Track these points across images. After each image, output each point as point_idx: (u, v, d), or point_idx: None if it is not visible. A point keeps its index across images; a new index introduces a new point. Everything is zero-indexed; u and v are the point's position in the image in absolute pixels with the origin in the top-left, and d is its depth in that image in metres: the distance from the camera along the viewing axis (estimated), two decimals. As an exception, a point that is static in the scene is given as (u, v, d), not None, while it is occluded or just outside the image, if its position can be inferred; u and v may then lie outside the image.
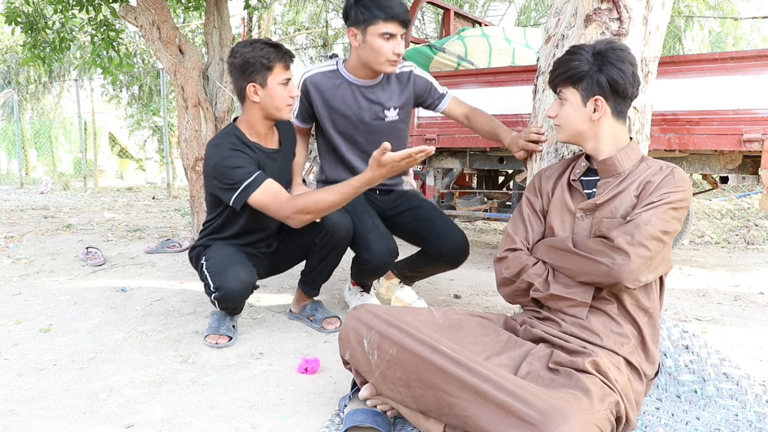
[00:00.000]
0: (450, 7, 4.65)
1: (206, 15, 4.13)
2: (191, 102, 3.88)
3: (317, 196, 1.92)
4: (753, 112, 2.51)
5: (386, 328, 1.40)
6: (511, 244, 1.59)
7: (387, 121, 2.31)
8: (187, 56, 3.92)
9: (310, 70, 2.30)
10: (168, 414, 1.59)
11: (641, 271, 1.36)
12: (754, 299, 2.85)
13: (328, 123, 2.29)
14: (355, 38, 2.12)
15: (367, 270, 2.26)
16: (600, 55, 1.47)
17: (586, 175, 1.57)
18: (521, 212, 1.64)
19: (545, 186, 1.63)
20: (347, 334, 1.50)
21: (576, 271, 1.44)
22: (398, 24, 2.05)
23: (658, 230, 1.37)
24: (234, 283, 2.06)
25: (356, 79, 2.24)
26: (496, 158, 3.50)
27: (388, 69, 2.14)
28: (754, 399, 1.53)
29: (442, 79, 3.37)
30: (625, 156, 1.50)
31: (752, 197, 6.31)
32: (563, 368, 1.31)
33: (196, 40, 12.08)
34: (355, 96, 2.26)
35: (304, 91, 2.27)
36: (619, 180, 1.49)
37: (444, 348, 1.30)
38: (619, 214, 1.44)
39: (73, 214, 6.43)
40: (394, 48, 2.08)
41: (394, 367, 1.36)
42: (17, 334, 2.26)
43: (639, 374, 1.41)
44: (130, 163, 17.93)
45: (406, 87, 2.31)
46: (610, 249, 1.38)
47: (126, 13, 3.99)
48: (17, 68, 15.67)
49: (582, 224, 1.50)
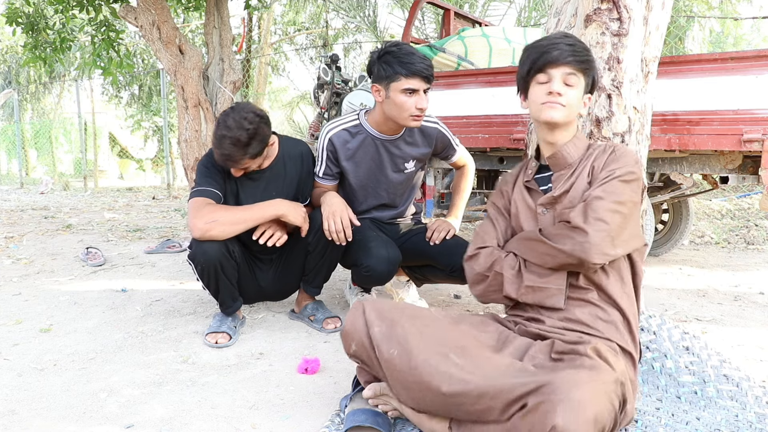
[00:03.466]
0: (450, 7, 4.65)
1: (206, 15, 4.14)
2: (191, 102, 3.89)
3: (223, 209, 2.07)
4: (753, 112, 2.51)
5: (391, 327, 1.40)
6: (481, 243, 1.62)
7: (406, 173, 2.36)
8: (187, 56, 3.92)
9: (333, 127, 2.29)
10: (168, 414, 1.59)
11: (605, 245, 1.37)
12: (754, 299, 2.85)
13: (352, 177, 2.32)
14: (378, 94, 2.14)
15: (369, 277, 2.25)
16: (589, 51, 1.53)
17: (540, 173, 1.61)
18: (489, 214, 1.68)
19: (506, 188, 1.68)
20: (352, 326, 1.47)
21: (544, 257, 1.46)
22: (421, 80, 2.07)
23: (611, 202, 1.39)
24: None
25: (380, 133, 2.26)
26: (496, 158, 3.50)
27: (411, 124, 2.16)
28: (754, 401, 1.53)
29: (442, 79, 3.37)
30: (573, 147, 1.54)
31: (752, 197, 6.30)
32: (566, 355, 1.32)
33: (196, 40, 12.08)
34: (379, 151, 2.28)
35: (330, 149, 2.28)
36: (571, 170, 1.53)
37: (444, 348, 1.31)
38: (577, 202, 1.46)
39: (73, 214, 6.43)
40: (417, 103, 2.09)
41: (393, 367, 1.36)
42: (17, 334, 2.26)
43: (632, 360, 1.43)
44: (131, 163, 17.94)
45: (431, 143, 2.35)
46: (569, 230, 1.41)
47: (126, 13, 3.99)
48: (18, 68, 15.67)
49: (545, 219, 1.53)
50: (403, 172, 2.35)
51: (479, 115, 3.23)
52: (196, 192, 2.10)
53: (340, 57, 4.87)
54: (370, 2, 9.03)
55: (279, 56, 14.35)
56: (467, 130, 3.27)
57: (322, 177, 2.32)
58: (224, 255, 2.07)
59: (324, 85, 4.65)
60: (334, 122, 2.31)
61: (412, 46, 2.16)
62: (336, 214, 2.09)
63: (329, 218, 2.09)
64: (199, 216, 2.00)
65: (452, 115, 3.31)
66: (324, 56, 4.74)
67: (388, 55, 2.08)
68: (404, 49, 2.09)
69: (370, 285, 2.45)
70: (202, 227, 1.99)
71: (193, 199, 2.07)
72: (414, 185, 2.49)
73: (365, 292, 2.52)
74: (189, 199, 2.12)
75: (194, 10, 5.50)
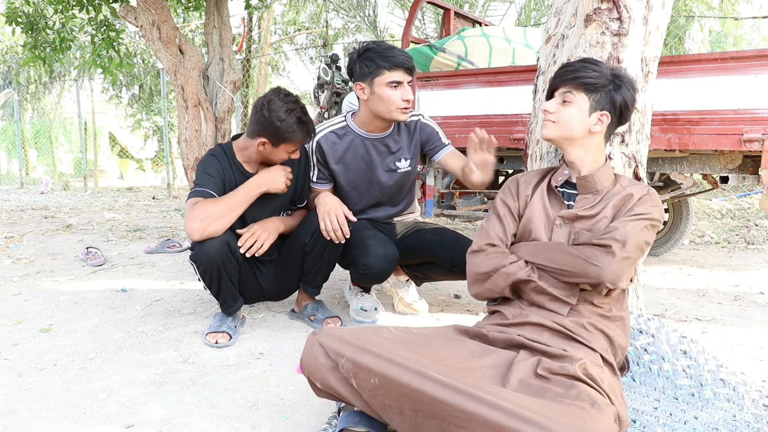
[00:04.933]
0: (450, 7, 4.64)
1: (206, 15, 4.14)
2: (191, 102, 3.89)
3: (211, 203, 2.04)
4: (753, 112, 2.51)
5: (360, 355, 1.26)
6: (488, 239, 1.61)
7: (400, 173, 2.35)
8: (187, 56, 3.92)
9: (320, 130, 2.30)
10: (168, 414, 1.59)
11: (621, 273, 1.43)
12: (754, 299, 2.85)
13: (343, 178, 2.32)
14: (363, 92, 2.15)
15: (367, 276, 2.25)
16: (618, 77, 1.55)
17: (564, 186, 1.62)
18: (497, 211, 1.66)
19: (524, 190, 1.66)
20: (313, 363, 1.33)
21: (563, 269, 1.47)
22: (404, 71, 2.10)
23: (643, 241, 1.46)
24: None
25: (367, 133, 2.26)
26: (496, 158, 3.50)
27: (400, 117, 2.16)
28: (751, 403, 1.54)
29: (442, 79, 3.37)
30: (603, 175, 1.57)
31: (752, 197, 6.30)
32: (555, 376, 1.28)
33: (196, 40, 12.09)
34: (368, 150, 2.28)
35: (319, 152, 2.28)
36: (597, 198, 1.55)
37: (434, 374, 1.17)
38: (599, 230, 1.49)
39: (73, 214, 6.43)
40: (402, 95, 2.11)
41: (380, 396, 1.23)
42: (17, 334, 2.26)
43: (613, 369, 1.44)
44: (131, 163, 17.94)
45: (413, 136, 2.34)
46: (601, 252, 1.43)
47: (126, 13, 3.99)
48: (17, 68, 15.68)
49: (560, 231, 1.54)
50: (396, 172, 2.34)
51: (479, 115, 3.23)
52: (191, 193, 2.11)
53: (340, 57, 4.87)
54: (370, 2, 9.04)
55: (279, 56, 14.36)
56: (467, 130, 3.26)
57: (316, 182, 2.33)
58: (226, 254, 2.07)
59: (324, 85, 4.66)
60: (321, 125, 2.32)
61: (387, 43, 2.18)
62: (331, 213, 2.10)
63: (325, 218, 2.10)
64: (191, 218, 2.00)
65: (452, 115, 3.31)
66: (324, 56, 4.75)
67: (368, 52, 2.11)
68: (383, 45, 2.13)
69: (369, 284, 2.45)
70: (197, 227, 1.99)
71: (189, 200, 2.07)
72: (411, 187, 2.48)
73: (365, 291, 2.52)
74: (191, 192, 2.11)
75: (194, 10, 5.50)
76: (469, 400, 1.11)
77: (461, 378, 1.19)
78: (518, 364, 1.33)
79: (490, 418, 1.08)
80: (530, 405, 1.12)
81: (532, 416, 1.07)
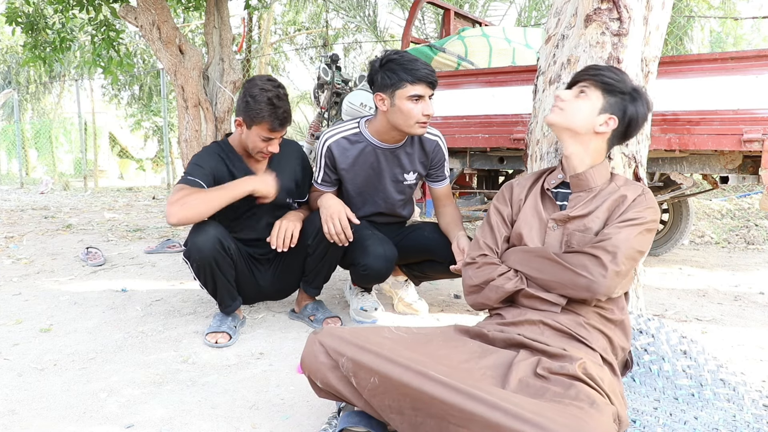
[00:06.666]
0: (450, 7, 4.65)
1: (206, 15, 4.14)
2: (191, 102, 3.89)
3: (195, 191, 2.03)
4: (753, 112, 2.51)
5: (360, 355, 1.26)
6: (480, 250, 1.63)
7: (405, 184, 2.36)
8: (187, 56, 3.92)
9: (332, 134, 2.28)
10: (168, 414, 1.59)
11: (614, 286, 1.43)
12: (754, 299, 2.85)
13: (350, 184, 2.32)
14: (382, 103, 2.12)
15: (367, 276, 2.25)
16: (637, 92, 1.56)
17: (559, 188, 1.62)
18: (489, 220, 1.68)
19: (517, 194, 1.66)
20: (314, 362, 1.34)
21: (552, 281, 1.47)
22: (426, 85, 2.06)
23: (636, 250, 1.45)
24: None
25: (381, 142, 2.25)
26: (496, 158, 3.50)
27: (418, 131, 2.14)
28: (751, 403, 1.54)
29: (442, 79, 3.37)
30: (598, 173, 1.57)
31: (752, 197, 6.30)
32: (554, 376, 1.28)
33: (196, 40, 12.08)
34: (379, 159, 2.27)
35: (328, 156, 2.27)
36: (591, 195, 1.55)
37: (434, 373, 1.17)
38: (592, 230, 1.49)
39: (73, 214, 6.43)
40: (423, 110, 2.08)
41: (380, 395, 1.23)
42: (17, 334, 2.26)
43: (613, 369, 1.44)
44: (131, 163, 17.94)
45: (429, 155, 2.33)
46: (591, 263, 1.43)
47: (126, 13, 3.99)
48: (17, 68, 15.69)
49: (553, 234, 1.54)
50: (402, 183, 2.35)
51: (479, 115, 3.23)
52: (178, 181, 2.11)
53: (340, 57, 4.87)
54: (370, 2, 9.04)
55: (279, 56, 14.36)
56: (467, 129, 3.27)
57: (320, 183, 2.33)
58: (218, 251, 2.08)
59: (324, 85, 4.66)
60: (332, 129, 2.30)
61: (411, 53, 2.16)
62: (334, 216, 2.09)
63: (328, 221, 2.09)
64: (170, 202, 1.98)
65: (452, 115, 3.31)
66: (324, 56, 4.74)
67: (391, 63, 2.07)
68: (406, 56, 2.08)
69: (369, 284, 2.45)
70: (173, 212, 1.95)
71: (175, 187, 2.07)
72: (412, 197, 2.49)
73: (365, 291, 2.53)
74: (180, 179, 2.13)
75: (194, 10, 5.51)
76: (468, 399, 1.12)
77: (461, 378, 1.19)
78: (518, 364, 1.33)
79: (490, 418, 1.09)
80: (529, 405, 1.12)
81: (531, 416, 1.07)
